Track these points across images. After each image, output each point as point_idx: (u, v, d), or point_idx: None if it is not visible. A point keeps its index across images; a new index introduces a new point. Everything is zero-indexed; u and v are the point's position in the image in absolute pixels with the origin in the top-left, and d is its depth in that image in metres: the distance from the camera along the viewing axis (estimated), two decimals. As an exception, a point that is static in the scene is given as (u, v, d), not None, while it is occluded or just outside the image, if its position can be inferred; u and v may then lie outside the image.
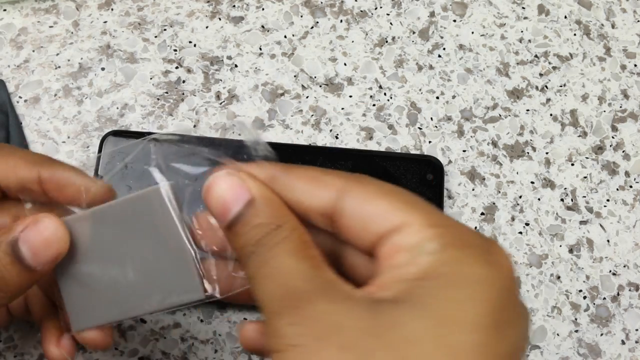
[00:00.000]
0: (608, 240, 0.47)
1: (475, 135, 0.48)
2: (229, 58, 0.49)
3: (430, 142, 0.48)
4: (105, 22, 0.49)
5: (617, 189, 0.48)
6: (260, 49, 0.49)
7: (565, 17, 0.52)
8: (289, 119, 0.48)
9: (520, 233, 0.47)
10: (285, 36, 0.50)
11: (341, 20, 0.51)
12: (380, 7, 0.51)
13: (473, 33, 0.51)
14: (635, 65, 0.51)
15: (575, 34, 0.52)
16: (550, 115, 0.49)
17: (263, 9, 0.50)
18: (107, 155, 0.45)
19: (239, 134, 0.27)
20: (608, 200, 0.48)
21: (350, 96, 0.49)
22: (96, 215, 0.29)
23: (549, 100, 0.50)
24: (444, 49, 0.50)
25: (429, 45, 0.50)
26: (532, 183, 0.48)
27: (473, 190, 0.47)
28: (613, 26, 0.52)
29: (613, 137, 0.49)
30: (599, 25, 0.52)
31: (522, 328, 0.23)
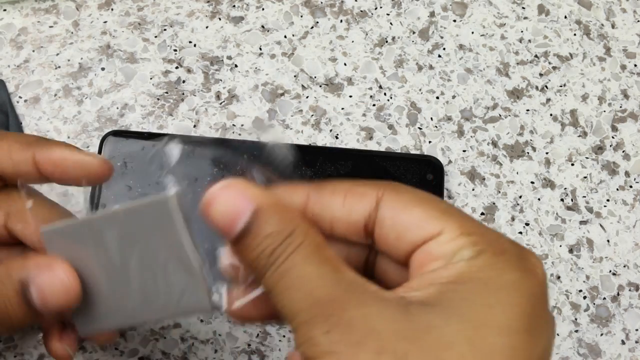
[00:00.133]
0: (608, 240, 0.47)
1: (475, 135, 0.48)
2: (229, 58, 0.49)
3: (430, 142, 0.48)
4: (105, 22, 0.49)
5: (617, 189, 0.48)
6: (260, 49, 0.49)
7: (565, 17, 0.52)
8: (289, 119, 0.48)
9: (520, 233, 0.47)
10: (285, 36, 0.50)
11: (341, 20, 0.51)
12: (380, 7, 0.51)
13: (473, 33, 0.51)
14: (635, 65, 0.51)
15: (575, 34, 0.52)
16: (550, 115, 0.49)
17: (263, 9, 0.50)
18: (107, 155, 0.45)
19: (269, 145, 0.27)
20: (608, 200, 0.48)
21: (350, 96, 0.49)
22: (102, 220, 0.29)
23: (549, 100, 0.50)
24: (444, 49, 0.50)
25: (429, 45, 0.50)
26: (532, 183, 0.48)
27: (473, 190, 0.47)
28: (613, 26, 0.52)
29: (613, 137, 0.49)
30: (599, 25, 0.52)
31: (550, 335, 0.23)
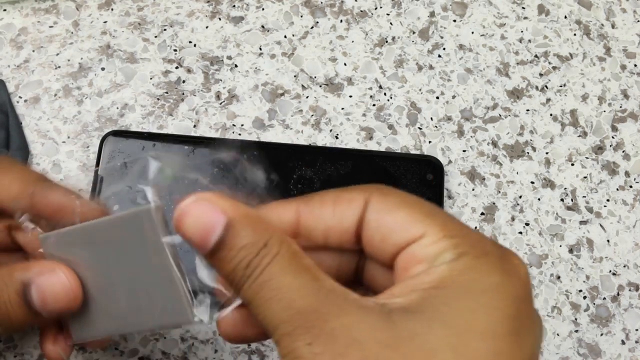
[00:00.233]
0: (608, 240, 0.47)
1: (475, 135, 0.48)
2: (229, 58, 0.49)
3: (430, 142, 0.48)
4: (105, 22, 0.49)
5: (617, 189, 0.48)
6: (260, 49, 0.49)
7: (565, 17, 0.52)
8: (289, 119, 0.48)
9: (520, 233, 0.47)
10: (285, 36, 0.50)
11: (341, 20, 0.51)
12: (380, 7, 0.51)
13: (473, 33, 0.51)
14: (635, 65, 0.51)
15: (575, 34, 0.52)
16: (550, 115, 0.49)
17: (263, 9, 0.50)
18: (107, 155, 0.45)
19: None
20: (608, 200, 0.48)
21: (350, 96, 0.49)
22: (86, 230, 0.29)
23: (549, 100, 0.50)
24: (444, 49, 0.50)
25: (429, 45, 0.50)
26: (532, 183, 0.48)
27: (473, 190, 0.47)
28: (613, 26, 0.52)
29: (613, 137, 0.49)
30: (599, 25, 0.52)
31: (537, 336, 0.23)
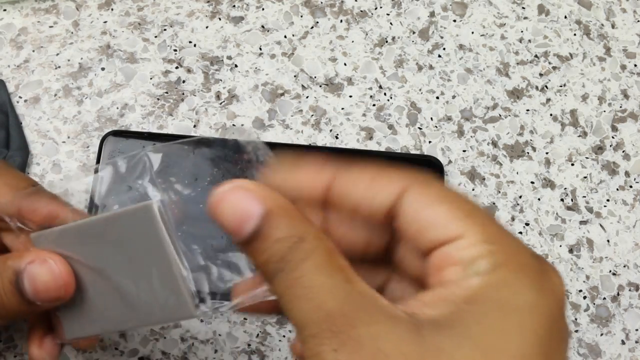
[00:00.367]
0: (608, 240, 0.47)
1: (475, 135, 0.48)
2: (229, 58, 0.49)
3: (430, 142, 0.48)
4: (105, 22, 0.49)
5: (617, 189, 0.48)
6: (260, 49, 0.49)
7: (565, 17, 0.52)
8: (289, 119, 0.48)
9: (520, 233, 0.47)
10: (285, 36, 0.50)
11: (341, 20, 0.51)
12: (380, 7, 0.51)
13: (473, 33, 0.51)
14: (635, 65, 0.51)
15: (575, 34, 0.52)
16: (550, 115, 0.49)
17: (263, 9, 0.50)
18: (107, 154, 0.45)
19: (239, 139, 0.27)
20: (608, 200, 0.48)
21: (350, 96, 0.49)
22: (88, 226, 0.29)
23: (549, 100, 0.50)
24: (444, 49, 0.50)
25: (429, 45, 0.50)
26: (532, 183, 0.48)
27: (473, 190, 0.47)
28: (613, 26, 0.52)
29: (613, 137, 0.49)
30: (599, 25, 0.52)
31: (565, 349, 0.23)
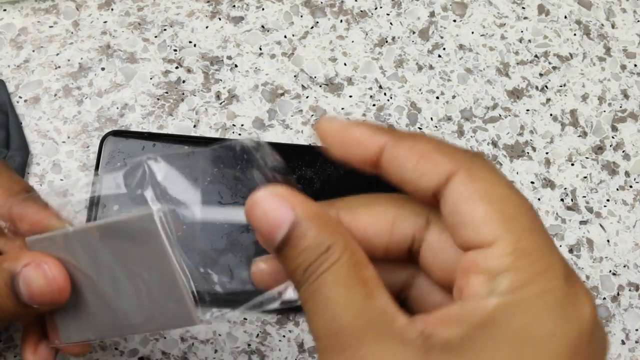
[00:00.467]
0: (608, 240, 0.47)
1: (475, 135, 0.48)
2: (229, 58, 0.49)
3: (430, 142, 0.48)
4: (105, 22, 0.49)
5: (617, 189, 0.48)
6: (260, 49, 0.49)
7: (565, 17, 0.52)
8: (289, 119, 0.48)
9: (520, 233, 0.47)
10: (285, 36, 0.50)
11: (341, 20, 0.51)
12: (380, 7, 0.51)
13: (473, 33, 0.51)
14: (635, 65, 0.51)
15: (575, 34, 0.52)
16: (550, 115, 0.49)
17: (263, 9, 0.50)
18: (107, 154, 0.45)
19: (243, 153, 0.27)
20: (608, 200, 0.48)
21: (350, 96, 0.49)
22: (87, 232, 0.28)
23: (549, 100, 0.50)
24: (444, 49, 0.50)
25: (429, 45, 0.50)
26: (532, 183, 0.48)
27: (473, 190, 0.47)
28: (613, 26, 0.52)
29: (613, 137, 0.49)
30: (599, 25, 0.52)
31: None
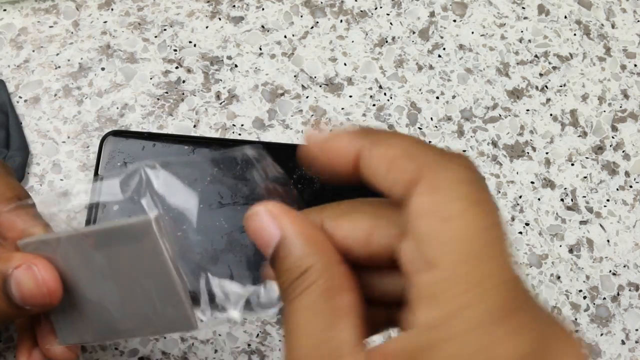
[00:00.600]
0: (608, 240, 0.47)
1: (475, 135, 0.48)
2: (229, 58, 0.49)
3: (430, 142, 0.48)
4: (105, 22, 0.49)
5: (617, 189, 0.48)
6: (260, 49, 0.49)
7: (565, 17, 0.52)
8: (289, 119, 0.48)
9: (520, 233, 0.47)
10: (285, 36, 0.50)
11: (341, 20, 0.51)
12: (380, 7, 0.51)
13: (473, 33, 0.51)
14: (635, 65, 0.51)
15: (575, 34, 0.52)
16: (550, 115, 0.49)
17: (263, 9, 0.50)
18: (107, 154, 0.45)
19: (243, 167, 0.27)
20: (608, 200, 0.48)
21: (350, 96, 0.49)
22: (82, 237, 0.28)
23: (549, 100, 0.50)
24: (444, 49, 0.50)
25: (429, 45, 0.50)
26: (532, 183, 0.48)
27: (473, 190, 0.47)
28: (613, 26, 0.52)
29: (613, 137, 0.49)
30: (599, 25, 0.52)
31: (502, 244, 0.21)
